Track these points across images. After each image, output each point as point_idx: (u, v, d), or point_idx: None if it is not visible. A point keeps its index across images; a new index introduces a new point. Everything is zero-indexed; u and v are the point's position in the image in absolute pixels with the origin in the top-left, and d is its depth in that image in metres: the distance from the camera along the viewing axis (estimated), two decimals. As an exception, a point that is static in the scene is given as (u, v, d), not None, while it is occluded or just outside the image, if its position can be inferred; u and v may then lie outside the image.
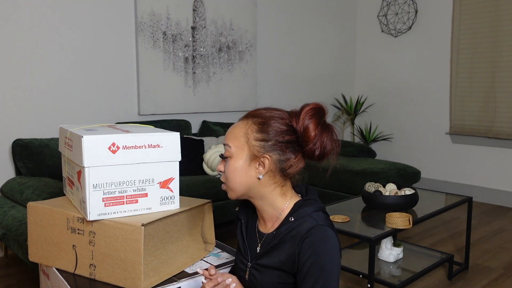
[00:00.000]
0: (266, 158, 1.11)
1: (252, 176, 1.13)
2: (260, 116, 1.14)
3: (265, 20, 4.46)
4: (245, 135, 1.12)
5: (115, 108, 3.50)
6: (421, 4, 4.78)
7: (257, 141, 1.12)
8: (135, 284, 1.27)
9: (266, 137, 1.12)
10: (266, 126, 1.12)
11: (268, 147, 1.11)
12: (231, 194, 1.17)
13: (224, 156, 1.15)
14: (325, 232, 1.09)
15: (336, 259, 1.08)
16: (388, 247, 2.54)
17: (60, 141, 1.57)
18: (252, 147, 1.12)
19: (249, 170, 1.13)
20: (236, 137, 1.13)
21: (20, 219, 2.35)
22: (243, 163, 1.12)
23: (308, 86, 4.95)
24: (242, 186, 1.14)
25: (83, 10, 3.27)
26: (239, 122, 1.16)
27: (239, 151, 1.12)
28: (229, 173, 1.14)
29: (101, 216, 1.31)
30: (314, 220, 1.11)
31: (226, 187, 1.17)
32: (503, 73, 4.18)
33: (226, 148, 1.14)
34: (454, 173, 4.64)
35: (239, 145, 1.12)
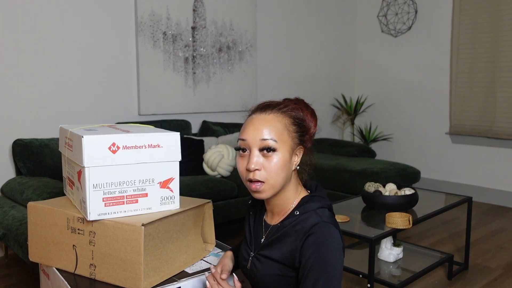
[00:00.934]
0: (301, 149, 1.15)
1: (290, 168, 1.13)
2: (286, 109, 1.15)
3: (265, 20, 4.47)
4: (285, 127, 1.12)
5: (115, 108, 3.50)
6: (421, 4, 4.78)
7: (295, 133, 1.13)
8: (135, 284, 1.27)
9: (300, 130, 1.15)
10: (299, 121, 1.15)
11: (301, 138, 1.15)
12: (268, 192, 1.11)
13: (268, 148, 1.09)
14: (329, 230, 1.09)
15: (339, 257, 1.07)
16: (388, 247, 2.55)
17: (60, 141, 1.57)
18: (293, 140, 1.13)
19: (290, 162, 1.13)
20: (278, 131, 1.10)
21: (20, 219, 2.35)
22: (288, 156, 1.11)
23: (308, 86, 4.95)
24: (284, 180, 1.12)
25: (83, 10, 3.27)
26: (267, 115, 1.13)
27: (284, 145, 1.11)
28: (276, 169, 1.09)
29: (101, 216, 1.31)
30: (319, 216, 1.12)
31: (264, 186, 1.10)
32: (503, 73, 4.18)
33: (269, 142, 1.08)
34: (454, 173, 4.64)
35: (283, 138, 1.11)
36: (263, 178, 1.09)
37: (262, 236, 1.23)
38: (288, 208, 1.18)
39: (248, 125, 1.13)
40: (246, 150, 1.12)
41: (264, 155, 1.09)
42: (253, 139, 1.10)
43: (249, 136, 1.11)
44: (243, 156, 1.13)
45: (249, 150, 1.11)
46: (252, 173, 1.09)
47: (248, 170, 1.10)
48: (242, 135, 1.13)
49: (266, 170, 1.09)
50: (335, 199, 3.43)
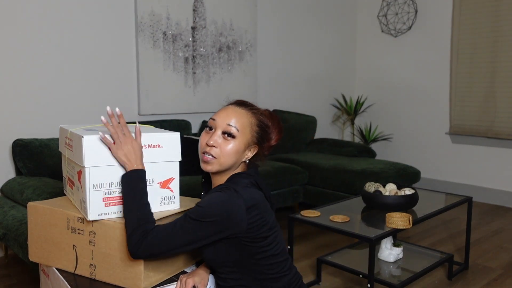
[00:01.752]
0: (255, 148, 1.34)
1: (241, 158, 1.32)
2: (257, 113, 1.34)
3: (265, 20, 4.47)
4: (250, 125, 1.31)
5: (115, 108, 3.49)
6: (421, 4, 4.78)
7: (256, 133, 1.32)
8: (135, 284, 1.27)
9: (260, 132, 1.33)
10: (263, 126, 1.34)
11: (260, 140, 1.34)
12: (215, 167, 1.29)
13: (228, 133, 1.28)
14: (227, 191, 1.23)
15: (220, 212, 1.19)
16: (388, 247, 2.55)
17: (60, 141, 1.57)
18: (252, 138, 1.32)
19: (243, 153, 1.32)
20: (243, 124, 1.30)
21: (20, 219, 2.35)
22: (243, 147, 1.30)
23: (308, 86, 4.95)
24: (231, 164, 1.30)
25: (83, 10, 3.27)
26: (241, 110, 1.32)
27: (243, 136, 1.30)
28: (229, 152, 1.28)
29: (101, 216, 1.31)
30: (223, 187, 1.26)
31: (214, 161, 1.28)
32: (503, 73, 4.18)
33: (231, 129, 1.28)
34: (454, 173, 4.64)
35: (244, 132, 1.30)
36: (216, 155, 1.28)
37: None
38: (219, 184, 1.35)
39: (222, 110, 1.33)
40: (212, 129, 1.31)
41: (224, 138, 1.29)
42: (221, 122, 1.30)
43: (219, 118, 1.30)
44: (207, 133, 1.32)
45: (215, 129, 1.30)
46: (210, 147, 1.28)
47: (207, 144, 1.29)
48: (214, 115, 1.33)
49: (221, 150, 1.28)
50: (335, 199, 3.43)
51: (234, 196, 1.21)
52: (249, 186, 1.27)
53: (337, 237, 3.25)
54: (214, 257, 1.27)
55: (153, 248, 1.19)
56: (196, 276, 1.33)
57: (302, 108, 4.79)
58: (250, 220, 1.21)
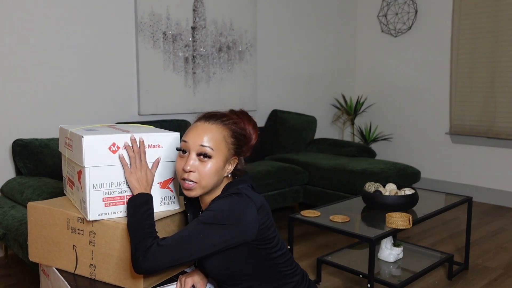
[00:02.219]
0: (235, 159, 1.27)
1: (222, 175, 1.25)
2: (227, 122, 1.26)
3: (265, 20, 4.46)
4: (224, 139, 1.23)
5: (115, 108, 3.50)
6: (421, 4, 4.78)
7: (232, 145, 1.25)
8: (135, 284, 1.27)
9: (237, 142, 1.26)
10: (238, 134, 1.26)
11: (238, 150, 1.27)
12: (197, 192, 1.22)
13: (204, 155, 1.21)
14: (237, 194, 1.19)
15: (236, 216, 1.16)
16: (388, 247, 2.55)
17: (60, 141, 1.57)
18: (229, 151, 1.24)
19: (223, 170, 1.25)
20: (216, 140, 1.22)
21: (20, 219, 2.35)
22: (222, 164, 1.23)
23: (308, 86, 4.95)
24: (213, 184, 1.24)
25: (83, 10, 3.27)
26: (210, 125, 1.24)
27: (219, 154, 1.22)
28: (208, 172, 1.21)
29: (101, 216, 1.31)
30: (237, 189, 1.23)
31: (195, 186, 1.21)
32: (503, 73, 4.18)
33: (206, 149, 1.20)
34: (454, 173, 4.64)
35: (220, 148, 1.22)
36: (196, 179, 1.21)
37: None
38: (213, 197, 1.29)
39: (191, 130, 1.26)
40: (185, 152, 1.24)
41: (200, 159, 1.21)
42: (194, 143, 1.22)
43: (190, 140, 1.23)
44: (182, 157, 1.24)
45: (188, 152, 1.23)
46: (187, 173, 1.21)
47: (183, 170, 1.22)
48: (184, 137, 1.26)
49: (199, 173, 1.21)
50: (335, 199, 3.43)
51: (245, 199, 1.19)
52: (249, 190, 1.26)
53: (337, 237, 3.25)
54: (224, 268, 1.23)
55: (160, 259, 1.14)
56: (195, 276, 1.33)
57: (302, 108, 4.79)
58: (261, 221, 1.20)
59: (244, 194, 1.20)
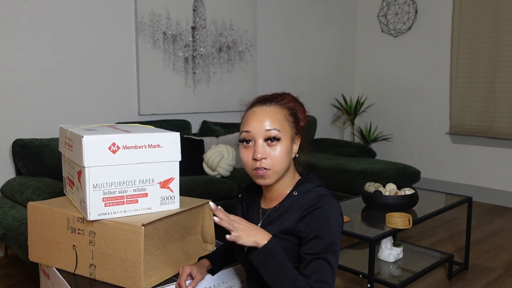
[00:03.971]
0: (298, 138, 1.25)
1: (291, 156, 1.22)
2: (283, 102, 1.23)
3: (265, 20, 4.46)
4: (285, 118, 1.20)
5: (115, 108, 3.50)
6: (421, 4, 4.78)
7: (293, 123, 1.22)
8: (135, 284, 1.27)
9: (296, 120, 1.24)
10: (295, 111, 1.24)
11: (297, 127, 1.24)
12: (273, 178, 1.18)
13: (273, 138, 1.16)
14: (331, 199, 1.18)
15: (338, 227, 1.16)
16: (388, 247, 2.55)
17: (60, 141, 1.57)
18: (292, 129, 1.21)
19: (292, 150, 1.22)
20: (280, 121, 1.18)
21: (20, 219, 2.35)
22: (290, 143, 1.20)
23: (308, 86, 4.95)
24: (287, 167, 1.20)
25: (83, 10, 3.27)
26: (268, 107, 1.20)
27: (286, 134, 1.19)
28: (281, 156, 1.17)
29: (101, 216, 1.31)
30: (318, 192, 1.20)
31: (269, 172, 1.16)
32: (503, 73, 4.18)
33: (273, 132, 1.16)
34: (454, 173, 4.64)
35: (284, 128, 1.19)
36: (270, 166, 1.16)
37: (258, 221, 1.28)
38: (285, 192, 1.25)
39: (251, 117, 1.19)
40: (250, 142, 1.18)
41: (269, 144, 1.16)
42: (258, 130, 1.16)
43: (253, 127, 1.17)
44: (247, 147, 1.18)
45: (254, 141, 1.17)
46: (259, 161, 1.16)
47: (255, 160, 1.16)
48: (245, 127, 1.19)
49: (271, 158, 1.16)
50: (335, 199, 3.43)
51: (331, 198, 1.19)
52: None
53: (337, 237, 3.24)
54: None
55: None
56: (194, 266, 1.32)
57: (302, 108, 4.79)
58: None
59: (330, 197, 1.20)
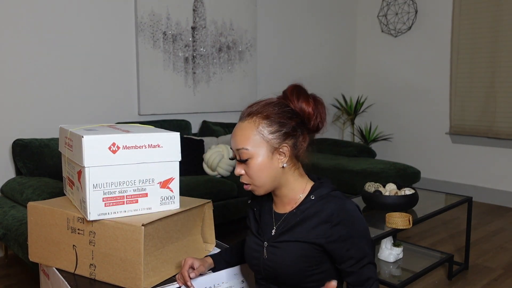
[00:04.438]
0: (285, 147, 1.18)
1: (276, 167, 1.19)
2: (262, 111, 1.19)
3: (265, 20, 4.47)
4: (258, 132, 1.17)
5: (115, 108, 3.50)
6: (421, 4, 4.78)
7: (272, 133, 1.17)
8: (135, 284, 1.27)
9: (278, 128, 1.17)
10: (276, 117, 1.18)
11: (284, 135, 1.18)
12: (259, 190, 1.21)
13: (242, 159, 1.18)
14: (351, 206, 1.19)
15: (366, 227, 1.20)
16: (388, 247, 2.55)
17: (60, 141, 1.57)
18: (268, 142, 1.17)
19: (272, 163, 1.18)
20: (249, 138, 1.17)
21: (20, 219, 2.35)
22: (265, 158, 1.17)
23: (308, 86, 4.90)
24: (269, 179, 1.19)
25: (83, 10, 3.27)
26: (243, 123, 1.19)
27: (258, 150, 1.17)
28: (254, 173, 1.18)
29: (101, 216, 1.31)
30: (336, 198, 1.20)
31: (251, 186, 1.21)
32: (503, 73, 4.18)
33: (242, 152, 1.17)
34: (454, 173, 4.64)
35: (256, 144, 1.17)
36: (249, 181, 1.20)
37: (272, 226, 1.26)
38: (298, 197, 1.24)
39: (231, 135, 1.23)
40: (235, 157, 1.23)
41: (244, 162, 1.19)
42: (234, 149, 1.21)
43: (232, 146, 1.22)
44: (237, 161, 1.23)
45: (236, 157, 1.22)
46: (241, 177, 1.22)
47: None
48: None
49: (248, 175, 1.19)
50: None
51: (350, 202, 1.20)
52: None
53: (337, 237, 3.24)
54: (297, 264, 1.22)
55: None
56: (197, 259, 1.33)
57: (302, 108, 4.79)
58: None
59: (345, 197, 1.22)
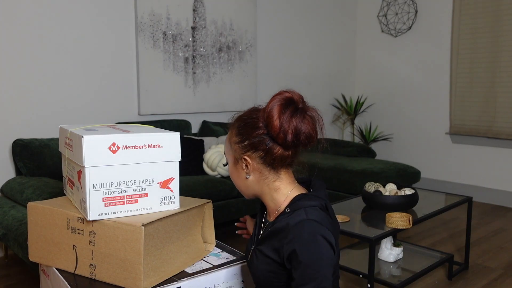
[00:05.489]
0: (245, 159, 1.17)
1: (243, 177, 1.21)
2: (238, 119, 1.20)
3: (265, 20, 4.47)
4: (229, 141, 1.21)
5: (115, 108, 3.50)
6: (421, 4, 4.78)
7: (236, 144, 1.18)
8: (135, 284, 1.27)
9: (242, 139, 1.16)
10: (242, 128, 1.17)
11: (246, 147, 1.16)
12: (244, 194, 1.27)
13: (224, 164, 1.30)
14: (311, 227, 1.07)
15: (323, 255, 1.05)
16: (388, 247, 2.55)
17: (60, 141, 1.57)
18: (234, 151, 1.20)
19: (238, 172, 1.22)
20: (226, 145, 1.24)
21: (20, 219, 2.35)
22: (232, 167, 1.24)
23: (308, 86, 4.95)
24: (242, 187, 1.25)
25: (83, 10, 3.27)
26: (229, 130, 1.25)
27: (229, 157, 1.24)
28: (231, 177, 1.27)
29: (101, 216, 1.31)
30: (305, 214, 1.10)
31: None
32: (503, 73, 4.18)
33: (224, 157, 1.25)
34: (454, 173, 4.64)
35: (227, 151, 1.24)
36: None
37: (259, 233, 1.29)
38: (278, 207, 1.20)
39: None
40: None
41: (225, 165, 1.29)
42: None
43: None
44: None
45: None
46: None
47: None
48: None
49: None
50: (335, 199, 3.43)
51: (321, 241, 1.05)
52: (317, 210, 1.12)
53: (337, 237, 3.24)
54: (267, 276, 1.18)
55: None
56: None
57: (302, 108, 4.79)
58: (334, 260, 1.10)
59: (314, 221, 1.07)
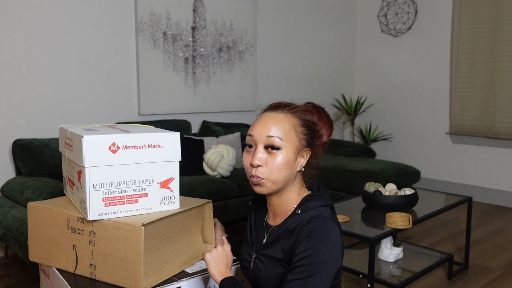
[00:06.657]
0: (307, 151, 1.15)
1: (295, 169, 1.14)
2: (295, 111, 1.15)
3: (265, 20, 4.47)
4: (293, 128, 1.12)
5: (115, 108, 3.50)
6: (421, 4, 4.78)
7: (303, 134, 1.13)
8: (135, 284, 1.27)
9: (308, 132, 1.14)
10: (307, 121, 1.15)
11: (310, 141, 1.15)
12: (270, 187, 1.12)
13: (273, 146, 1.10)
14: (326, 224, 1.08)
15: (332, 254, 1.06)
16: (388, 247, 2.55)
17: (60, 141, 1.57)
18: (300, 141, 1.13)
19: (295, 163, 1.13)
20: (285, 130, 1.11)
21: (20, 219, 2.35)
22: (293, 155, 1.12)
23: (308, 86, 4.95)
24: (286, 178, 1.13)
25: (83, 10, 3.27)
26: (277, 114, 1.14)
27: (289, 144, 1.11)
28: (277, 166, 1.10)
29: (101, 216, 1.31)
30: (318, 212, 1.12)
31: (264, 181, 1.12)
32: (503, 73, 4.18)
33: (274, 140, 1.10)
34: (454, 173, 4.64)
35: (289, 138, 1.11)
36: (265, 176, 1.11)
37: (263, 237, 1.24)
38: (290, 209, 1.18)
39: (257, 122, 1.15)
40: (252, 146, 1.14)
41: (269, 152, 1.11)
42: (260, 135, 1.11)
43: (256, 132, 1.12)
44: (249, 152, 1.14)
45: (255, 146, 1.13)
46: (255, 169, 1.11)
47: (251, 165, 1.12)
48: (250, 131, 1.15)
49: (268, 167, 1.10)
50: (335, 199, 3.43)
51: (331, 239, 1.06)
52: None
53: (337, 237, 3.24)
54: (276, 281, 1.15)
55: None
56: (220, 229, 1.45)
57: (302, 108, 4.79)
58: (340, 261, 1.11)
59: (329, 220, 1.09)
